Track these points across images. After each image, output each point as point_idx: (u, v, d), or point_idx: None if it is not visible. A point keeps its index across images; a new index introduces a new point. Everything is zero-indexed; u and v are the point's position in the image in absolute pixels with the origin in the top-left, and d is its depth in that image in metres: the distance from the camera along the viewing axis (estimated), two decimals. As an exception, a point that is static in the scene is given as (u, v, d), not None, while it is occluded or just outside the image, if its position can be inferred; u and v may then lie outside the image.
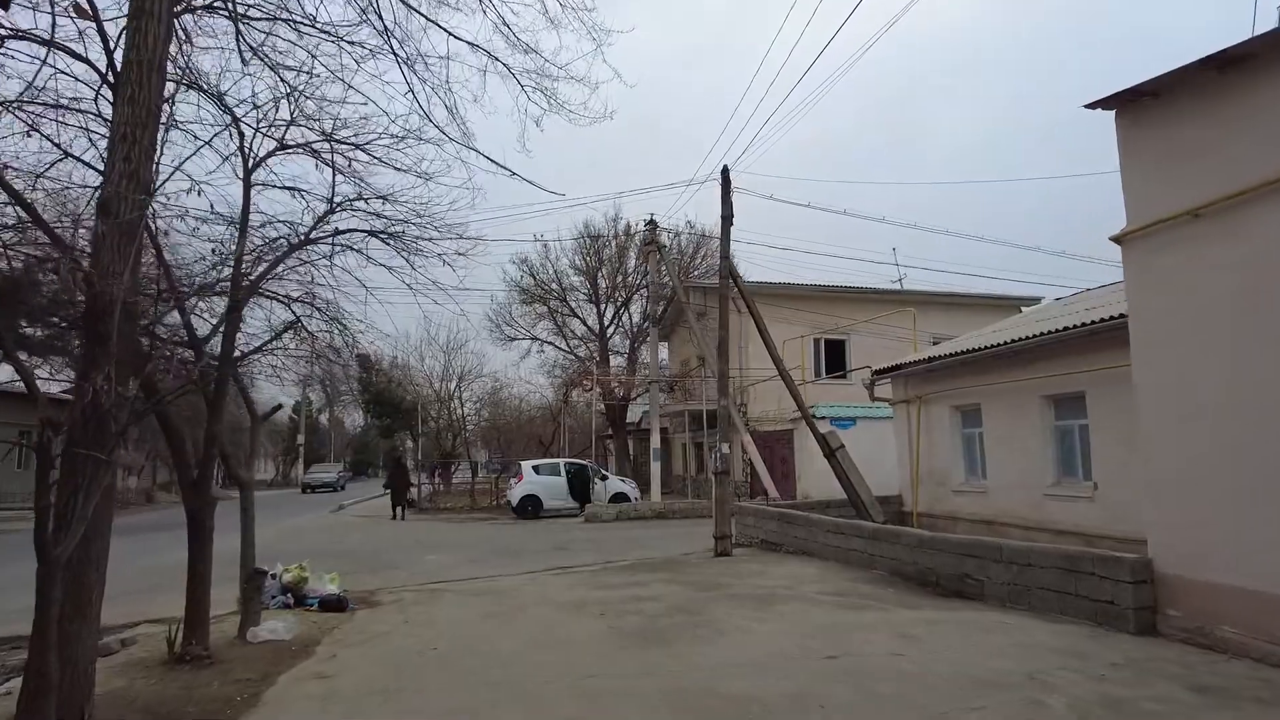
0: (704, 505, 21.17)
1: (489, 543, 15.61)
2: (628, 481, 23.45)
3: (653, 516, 20.23)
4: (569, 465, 22.94)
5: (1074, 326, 10.99)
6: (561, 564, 11.84)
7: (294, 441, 53.03)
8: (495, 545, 15.06)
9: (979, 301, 28.65)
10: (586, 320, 32.25)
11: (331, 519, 23.08)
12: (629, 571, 10.24)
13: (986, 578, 7.24)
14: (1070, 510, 11.74)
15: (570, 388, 29.31)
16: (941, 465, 14.92)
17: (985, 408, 13.74)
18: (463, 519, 22.40)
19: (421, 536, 17.47)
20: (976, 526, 13.50)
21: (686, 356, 31.54)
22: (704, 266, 33.43)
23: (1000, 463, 13.35)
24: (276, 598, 7.49)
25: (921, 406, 15.60)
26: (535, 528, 19.01)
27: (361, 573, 11.49)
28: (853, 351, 27.62)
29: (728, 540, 11.47)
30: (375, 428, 35.01)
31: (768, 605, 7.15)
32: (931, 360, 14.92)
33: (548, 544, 14.91)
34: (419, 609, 7.65)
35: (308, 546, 15.20)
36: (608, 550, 13.73)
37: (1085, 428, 11.67)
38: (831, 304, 27.02)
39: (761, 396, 25.18)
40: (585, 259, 31.15)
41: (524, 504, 21.74)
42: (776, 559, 11.00)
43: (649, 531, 17.21)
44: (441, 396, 29.74)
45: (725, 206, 12.08)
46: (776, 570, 9.52)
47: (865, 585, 8.23)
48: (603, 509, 20.25)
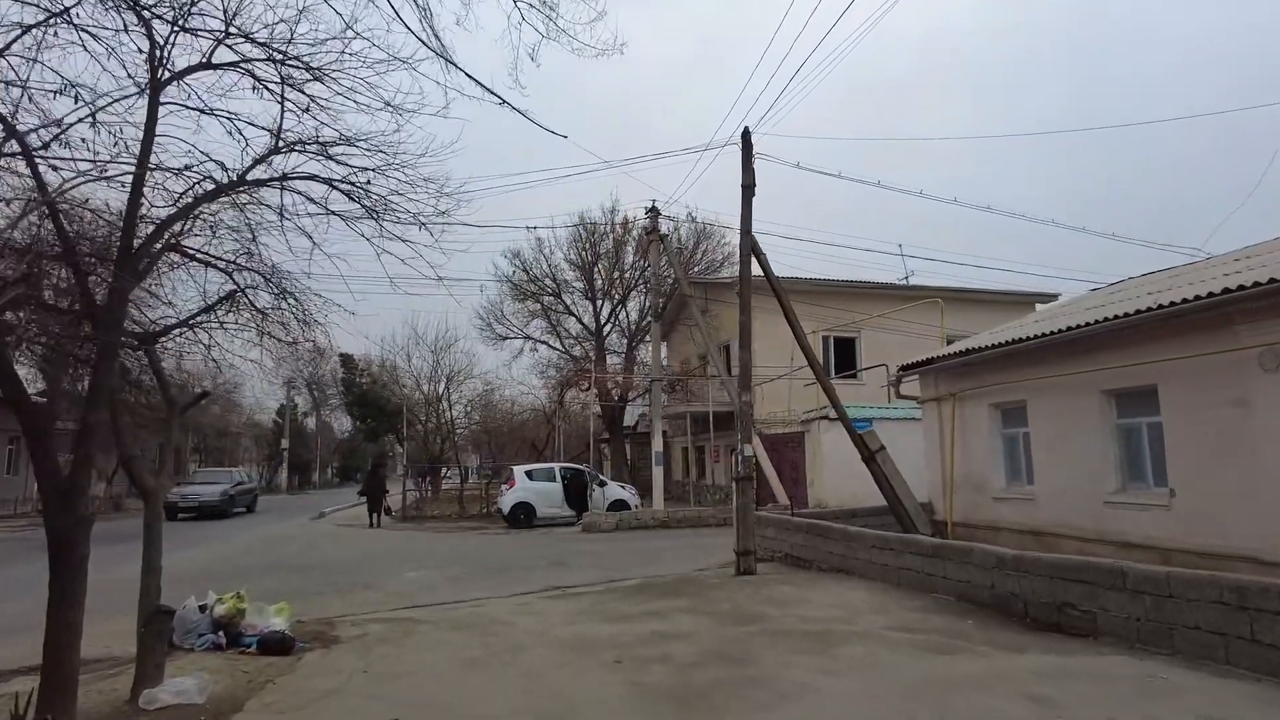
0: (710, 513, 19.65)
1: (477, 556, 14.04)
2: (627, 488, 21.89)
3: (655, 526, 18.70)
4: (564, 470, 21.36)
5: (1151, 309, 9.50)
6: (559, 583, 10.30)
7: (278, 446, 51.16)
8: (484, 559, 13.49)
9: (993, 298, 27.24)
10: (582, 318, 30.70)
11: (310, 527, 21.43)
12: (640, 595, 8.71)
13: (1100, 609, 5.75)
14: (1139, 521, 10.26)
15: (566, 388, 27.73)
16: (979, 470, 13.44)
17: (1032, 405, 12.28)
18: (450, 528, 20.80)
19: (403, 548, 15.88)
20: (1022, 538, 12.04)
21: (687, 356, 30.04)
22: (705, 262, 31.99)
23: (1050, 467, 11.88)
24: (205, 636, 5.92)
25: (955, 405, 14.13)
26: (528, 538, 17.45)
27: (328, 593, 9.93)
28: (864, 349, 26.22)
29: (751, 557, 9.95)
30: (360, 431, 33.33)
31: (828, 647, 5.63)
32: (968, 353, 13.44)
33: (543, 558, 13.36)
34: (385, 651, 6.09)
35: (274, 559, 13.61)
36: (610, 565, 12.20)
37: (1156, 426, 10.20)
38: (841, 299, 25.55)
39: (769, 397, 23.66)
40: (581, 253, 29.63)
41: (516, 512, 20.16)
42: (809, 579, 9.48)
43: (653, 543, 15.66)
44: (430, 398, 28.19)
45: (746, 174, 10.60)
46: (818, 595, 7.99)
47: (935, 616, 6.72)
48: (601, 518, 18.69)
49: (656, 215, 20.78)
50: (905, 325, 25.12)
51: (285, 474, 50.87)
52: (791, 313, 10.95)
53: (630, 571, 11.47)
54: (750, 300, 10.45)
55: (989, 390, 13.15)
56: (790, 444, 22.65)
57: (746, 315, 10.35)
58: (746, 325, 10.34)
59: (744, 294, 10.37)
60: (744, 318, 10.34)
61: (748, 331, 10.35)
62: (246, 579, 11.31)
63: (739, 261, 10.49)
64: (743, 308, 10.37)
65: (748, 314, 10.36)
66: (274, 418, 53.68)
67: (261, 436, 54.71)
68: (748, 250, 10.45)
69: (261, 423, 54.85)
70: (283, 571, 11.99)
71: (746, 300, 10.40)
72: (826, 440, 20.61)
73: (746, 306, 10.39)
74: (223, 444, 47.53)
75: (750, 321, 10.39)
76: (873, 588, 8.37)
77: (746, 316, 10.35)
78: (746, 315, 10.35)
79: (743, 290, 10.40)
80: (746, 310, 10.37)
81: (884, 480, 10.96)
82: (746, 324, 10.34)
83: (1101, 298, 14.41)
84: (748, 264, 10.45)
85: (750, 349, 10.37)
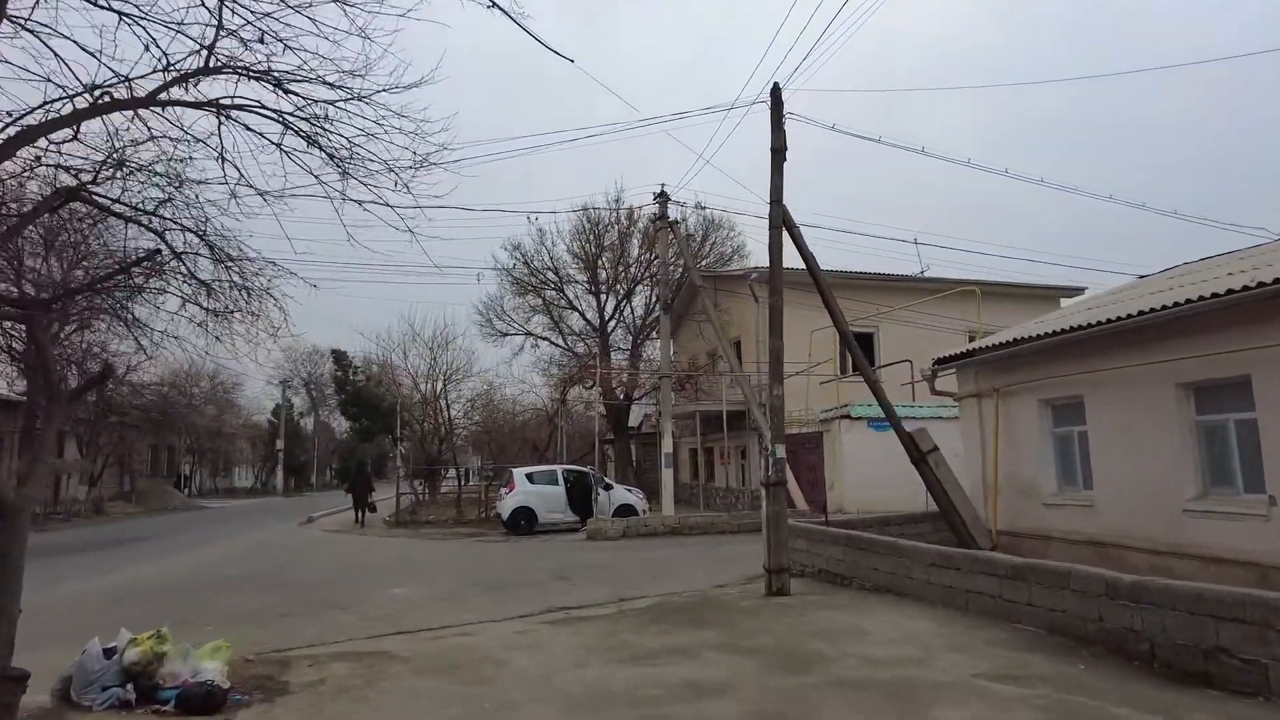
0: (723, 520, 18.31)
1: (472, 567, 12.70)
2: (634, 491, 20.54)
3: (665, 533, 17.35)
4: (568, 473, 20.03)
5: (1247, 288, 8.14)
6: (563, 603, 8.98)
7: (273, 447, 49.81)
8: (480, 571, 12.15)
9: (1016, 291, 25.88)
10: (585, 314, 29.38)
11: (296, 534, 20.12)
12: (660, 623, 7.37)
13: (1275, 660, 4.41)
14: (1228, 532, 8.92)
15: (569, 385, 26.38)
16: (1026, 472, 12.10)
17: (1090, 400, 10.95)
18: (445, 534, 19.47)
19: (393, 557, 14.56)
20: (1077, 548, 10.72)
21: (695, 353, 28.70)
22: (713, 254, 30.66)
23: (1112, 469, 10.55)
24: (110, 690, 4.60)
25: (999, 401, 12.81)
26: (529, 546, 16.12)
27: (298, 615, 8.60)
28: (881, 345, 24.88)
29: (785, 575, 8.62)
30: (354, 431, 31.96)
31: (921, 711, 4.29)
32: (1016, 344, 12.08)
33: (544, 570, 12.02)
34: (340, 709, 4.76)
35: (248, 572, 12.29)
36: (619, 579, 10.88)
37: (1249, 424, 8.88)
38: (857, 292, 24.18)
39: (792, 393, 22.31)
40: (584, 245, 28.31)
41: (516, 517, 18.83)
42: (855, 602, 8.14)
43: (664, 552, 14.33)
44: (427, 397, 26.84)
45: (776, 135, 9.28)
46: (875, 625, 6.65)
47: (1033, 657, 5.38)
48: (607, 524, 17.35)
49: (666, 201, 19.44)
50: (926, 319, 23.80)
51: (280, 476, 49.53)
52: (829, 294, 9.64)
53: (642, 587, 10.15)
54: (781, 281, 9.12)
55: (1038, 385, 11.84)
56: (807, 445, 21.29)
57: (778, 297, 9.02)
58: (778, 309, 9.00)
59: (774, 273, 9.04)
60: (775, 299, 9.01)
61: (779, 315, 9.01)
62: (209, 596, 10.02)
63: (769, 234, 9.16)
64: (773, 289, 9.04)
65: (779, 295, 9.03)
66: (269, 418, 52.37)
67: (258, 437, 53.40)
68: (779, 221, 9.12)
69: (259, 423, 53.59)
70: (253, 587, 10.68)
71: (777, 279, 9.07)
72: (848, 441, 19.31)
73: (777, 287, 9.06)
74: (215, 445, 46.22)
75: (781, 304, 9.06)
76: (936, 615, 7.03)
77: (778, 298, 9.02)
78: (778, 297, 9.02)
79: (773, 269, 9.08)
80: (778, 291, 9.04)
81: (937, 485, 9.64)
82: (778, 307, 9.01)
83: (1164, 281, 13.03)
84: (778, 238, 9.13)
85: (781, 335, 9.04)
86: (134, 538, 18.47)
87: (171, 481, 36.01)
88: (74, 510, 26.03)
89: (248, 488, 51.60)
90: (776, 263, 9.08)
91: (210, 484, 48.67)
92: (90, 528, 22.40)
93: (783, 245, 9.20)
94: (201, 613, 8.78)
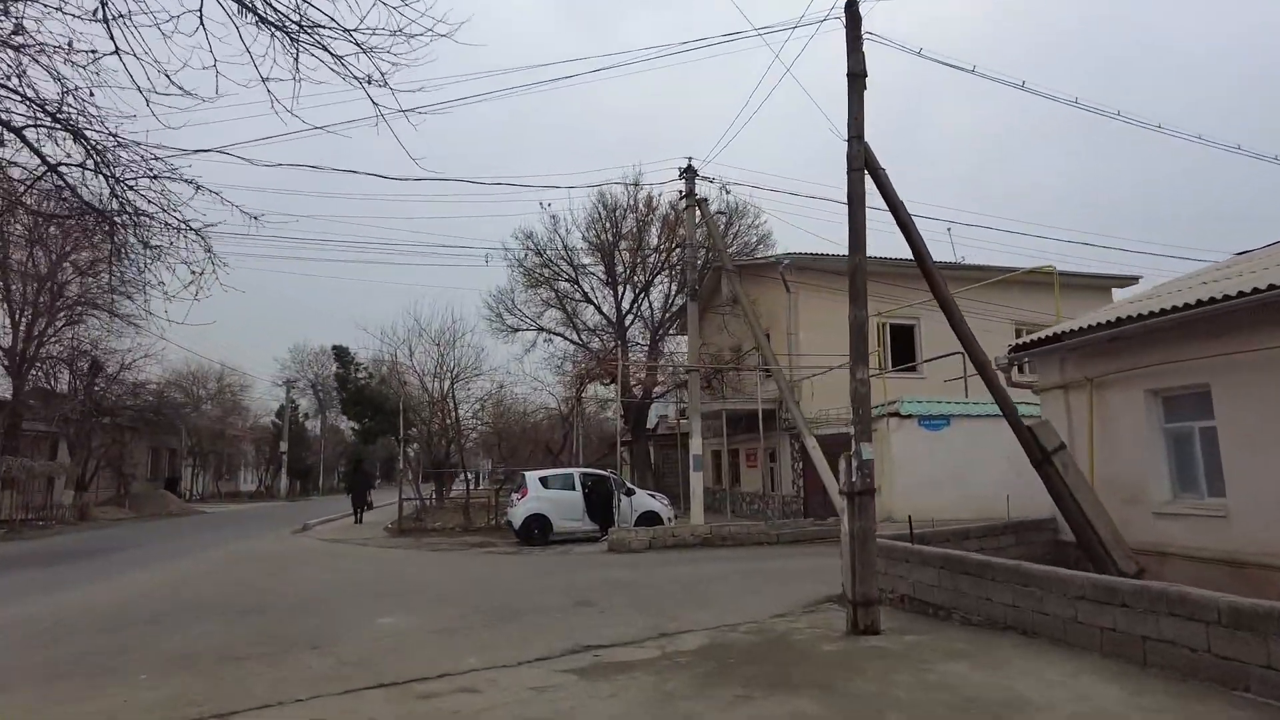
0: (760, 529, 16.41)
1: (479, 587, 10.87)
2: (658, 497, 18.68)
3: (696, 544, 15.49)
4: (585, 477, 18.19)
5: None
6: (591, 639, 7.17)
7: (277, 449, 48.19)
8: (487, 592, 10.31)
9: (1068, 280, 23.83)
10: (601, 307, 27.53)
11: (288, 544, 18.36)
12: (724, 677, 5.53)
13: None
14: None
15: (585, 382, 24.54)
16: (1130, 475, 10.19)
17: (1220, 390, 9.05)
18: (451, 543, 17.68)
19: (389, 573, 12.77)
20: (1205, 568, 8.82)
21: (719, 348, 26.80)
22: (737, 244, 28.71)
23: (1254, 472, 8.65)
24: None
25: (1093, 392, 10.92)
26: (543, 560, 14.29)
27: (255, 656, 6.80)
28: (924, 338, 22.96)
29: (876, 610, 6.77)
30: (354, 431, 30.20)
31: None
32: (1118, 324, 10.18)
33: (563, 593, 10.19)
34: None
35: (216, 592, 10.45)
36: (654, 605, 9.06)
37: None
38: (897, 280, 22.22)
39: (820, 392, 20.44)
40: (600, 234, 26.48)
41: (529, 525, 17.03)
42: (974, 645, 6.26)
43: (700, 568, 12.47)
44: (434, 397, 25.08)
45: (853, 58, 7.43)
46: (1031, 688, 4.77)
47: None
48: (630, 535, 15.50)
49: (693, 176, 17.60)
50: (971, 310, 21.82)
51: (284, 480, 47.92)
52: (926, 256, 7.75)
53: (684, 616, 8.33)
54: (863, 238, 7.25)
55: (1147, 373, 9.95)
56: (847, 447, 19.38)
57: (860, 254, 7.14)
58: (860, 269, 7.13)
59: (855, 227, 7.17)
60: (856, 259, 7.14)
61: (861, 276, 7.13)
62: (156, 628, 8.19)
63: (847, 179, 7.30)
64: (853, 246, 7.16)
65: (861, 252, 7.15)
66: (273, 420, 50.79)
67: (263, 440, 51.76)
68: (859, 161, 7.26)
69: (266, 426, 51.96)
70: (214, 614, 8.88)
71: (859, 232, 7.19)
72: (897, 441, 17.39)
73: (859, 243, 7.18)
74: (217, 447, 44.61)
75: (865, 264, 7.19)
76: (1104, 670, 5.15)
77: (860, 255, 7.14)
78: (860, 254, 7.14)
79: (853, 222, 7.20)
80: (860, 247, 7.17)
81: (1066, 493, 7.76)
82: (860, 268, 7.14)
83: (1262, 259, 11.10)
84: (859, 183, 7.26)
85: (865, 305, 7.17)
86: (107, 549, 16.75)
87: (162, 485, 34.28)
88: (57, 516, 24.40)
89: (251, 492, 49.99)
90: (857, 218, 7.22)
91: (214, 488, 47.12)
92: (69, 536, 20.73)
93: (864, 192, 7.34)
94: (138, 654, 7.01)
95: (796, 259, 21.57)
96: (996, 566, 6.85)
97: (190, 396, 44.19)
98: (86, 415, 26.25)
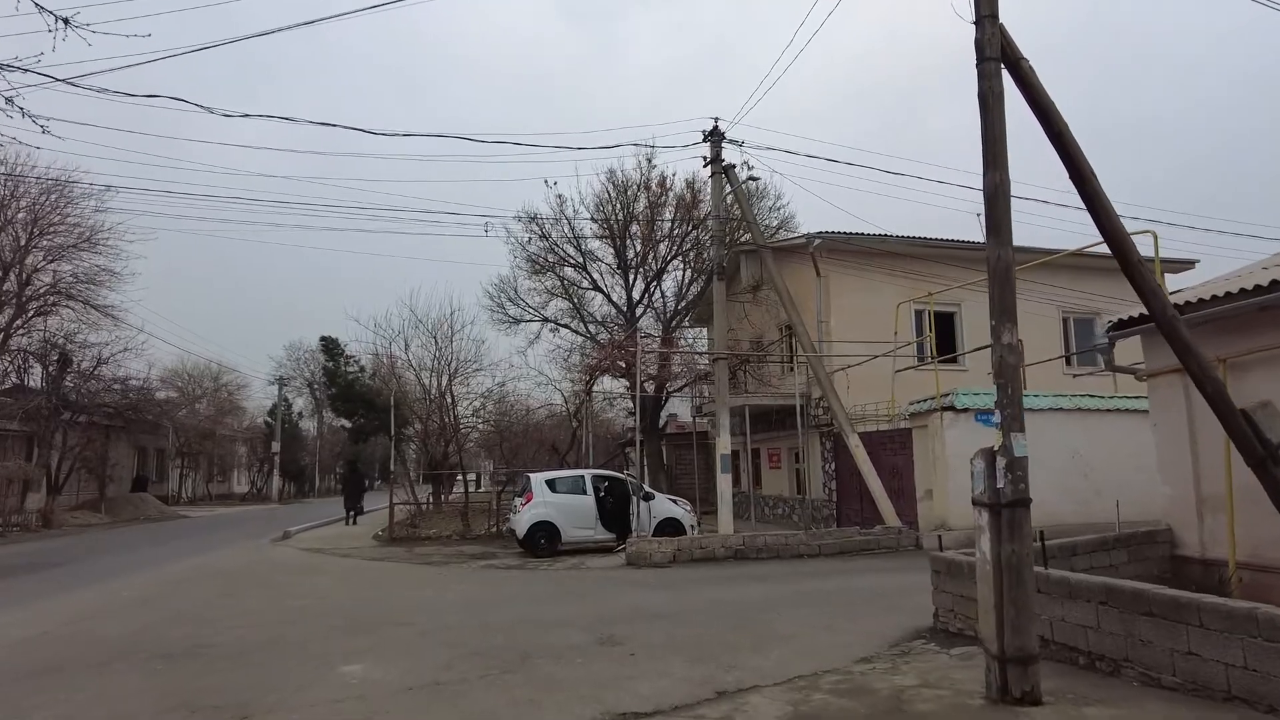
0: (799, 540, 14.30)
1: (475, 618, 8.81)
2: (679, 502, 16.62)
3: (727, 557, 13.45)
4: (598, 480, 16.16)
5: None
6: (624, 702, 5.22)
7: (269, 450, 46.09)
8: (484, 627, 8.24)
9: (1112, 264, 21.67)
10: (611, 294, 25.50)
11: (260, 555, 16.30)
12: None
13: None
14: None
15: (596, 374, 22.48)
16: (1282, 479, 8.11)
17: None
18: (447, 555, 15.64)
19: (366, 596, 10.72)
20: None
21: (738, 339, 24.76)
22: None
23: None
24: None
25: (1226, 376, 8.89)
26: (553, 577, 12.26)
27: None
28: (965, 326, 20.90)
29: (1036, 670, 4.75)
30: (344, 429, 28.13)
31: None
32: (1266, 290, 8.21)
33: (581, 624, 8.15)
34: None
35: (145, 626, 8.24)
36: (700, 644, 7.05)
37: None
38: (929, 265, 20.14)
39: (856, 385, 18.39)
40: (610, 215, 24.45)
41: (534, 534, 15.00)
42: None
43: (742, 589, 10.43)
44: (431, 393, 23.05)
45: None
46: None
47: None
48: (651, 546, 13.46)
49: (720, 140, 15.55)
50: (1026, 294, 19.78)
51: (276, 481, 45.85)
52: (1091, 179, 5.71)
53: (743, 662, 6.33)
54: (1003, 139, 5.23)
55: (1306, 350, 7.96)
56: (889, 446, 17.35)
57: (999, 171, 5.11)
58: (1001, 192, 5.10)
59: (992, 124, 5.15)
60: (994, 177, 5.11)
61: (1003, 201, 5.10)
62: (43, 683, 6.12)
63: (977, 71, 5.28)
64: (990, 157, 5.13)
65: (1001, 169, 5.11)
66: (266, 419, 48.70)
67: (256, 440, 49.58)
68: (995, 48, 5.25)
69: (260, 425, 49.80)
70: (125, 662, 6.82)
71: (996, 138, 5.16)
72: (951, 439, 15.27)
73: (998, 155, 5.14)
74: (204, 447, 42.52)
75: (1007, 186, 5.16)
76: None
77: (999, 174, 5.11)
78: (999, 171, 5.11)
79: (987, 122, 5.19)
80: (998, 162, 5.14)
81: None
82: (1001, 190, 5.10)
83: None
84: (993, 75, 5.25)
85: (1010, 241, 5.14)
86: (44, 562, 14.67)
87: (131, 487, 32.15)
88: (23, 522, 22.38)
89: (243, 494, 47.91)
90: (993, 122, 5.18)
91: (205, 490, 45.06)
92: (24, 544, 18.69)
93: (1002, 90, 5.32)
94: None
95: (828, 239, 19.51)
96: (1207, 609, 4.81)
97: (185, 395, 42.22)
98: (55, 412, 24.26)
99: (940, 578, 7.59)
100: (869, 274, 20.00)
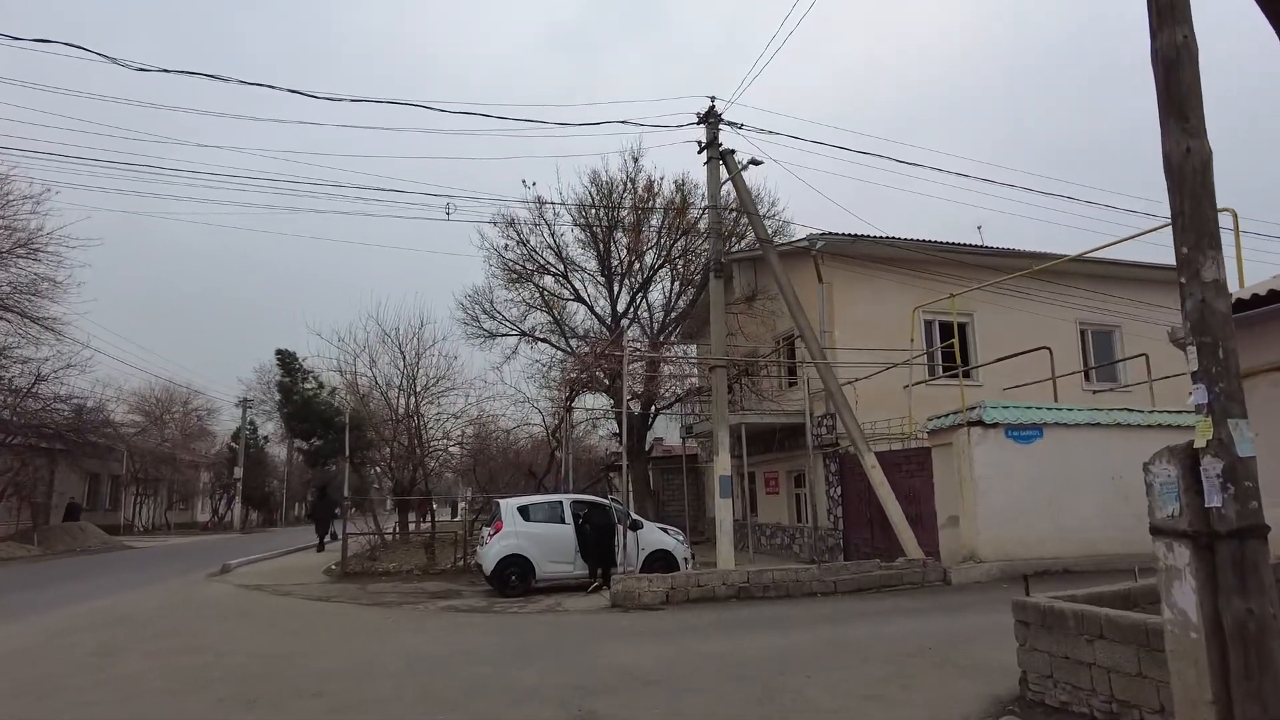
0: (811, 575, 12.29)
1: (419, 688, 6.75)
2: (671, 532, 14.64)
3: (729, 596, 11.50)
4: (577, 506, 14.16)
5: None
6: None
7: (231, 475, 43.45)
8: (429, 703, 6.22)
9: (1133, 274, 20.28)
10: (595, 305, 23.68)
11: (184, 595, 14.02)
12: None
13: None
14: None
15: (577, 388, 20.56)
16: None
17: None
18: (404, 593, 13.53)
19: (290, 651, 8.60)
20: None
21: (730, 353, 22.96)
22: (751, 238, 25.06)
23: None
24: None
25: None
26: (524, 624, 10.22)
27: None
28: (978, 336, 19.30)
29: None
30: (300, 452, 25.91)
31: None
32: None
33: (554, 698, 6.14)
34: None
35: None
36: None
37: None
38: (938, 269, 18.51)
39: (865, 400, 16.64)
40: (593, 221, 22.71)
41: (503, 570, 12.96)
42: None
43: (755, 639, 8.47)
44: (398, 413, 21.01)
45: None
46: None
47: None
48: (641, 584, 11.48)
49: (717, 123, 13.86)
50: (1025, 305, 18.34)
51: (238, 509, 43.16)
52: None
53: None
54: None
55: None
56: (904, 466, 15.56)
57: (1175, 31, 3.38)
58: (1187, 60, 3.36)
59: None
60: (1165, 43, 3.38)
61: (1191, 76, 3.37)
62: None
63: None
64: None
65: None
66: (229, 443, 46.09)
67: (220, 465, 46.87)
68: None
69: (216, 450, 47.16)
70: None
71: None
72: (980, 458, 13.46)
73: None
74: (162, 473, 39.89)
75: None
76: None
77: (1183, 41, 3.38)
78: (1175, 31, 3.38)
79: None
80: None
81: None
82: (1182, 55, 3.37)
83: None
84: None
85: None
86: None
87: (64, 516, 29.52)
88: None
89: (204, 523, 45.11)
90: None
91: (164, 518, 42.28)
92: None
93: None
94: None
95: (832, 240, 17.86)
96: None
97: (151, 419, 39.76)
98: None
99: (1030, 631, 5.73)
100: (876, 280, 18.37)
